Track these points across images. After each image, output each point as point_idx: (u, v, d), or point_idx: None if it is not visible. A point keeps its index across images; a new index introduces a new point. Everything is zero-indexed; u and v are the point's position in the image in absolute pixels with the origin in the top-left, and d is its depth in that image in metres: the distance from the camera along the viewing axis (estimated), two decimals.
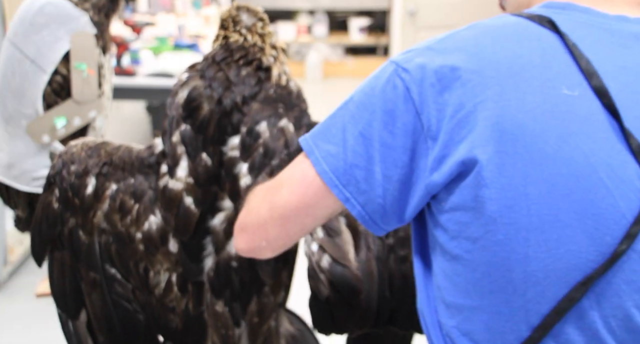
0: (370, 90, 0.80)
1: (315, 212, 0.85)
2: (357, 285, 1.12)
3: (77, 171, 1.21)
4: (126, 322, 1.22)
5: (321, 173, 0.80)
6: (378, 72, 0.82)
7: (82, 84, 2.09)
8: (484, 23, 0.81)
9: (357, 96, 0.81)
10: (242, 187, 1.14)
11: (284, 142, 1.16)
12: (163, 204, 1.17)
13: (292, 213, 0.85)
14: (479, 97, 0.74)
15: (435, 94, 0.75)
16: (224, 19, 1.26)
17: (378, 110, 0.78)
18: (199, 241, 1.18)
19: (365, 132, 0.78)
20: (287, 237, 0.89)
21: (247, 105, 1.18)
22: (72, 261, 1.22)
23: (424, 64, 0.77)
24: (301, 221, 0.86)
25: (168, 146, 1.17)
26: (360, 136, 0.79)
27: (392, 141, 0.77)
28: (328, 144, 0.81)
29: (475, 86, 0.75)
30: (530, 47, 0.77)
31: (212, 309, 1.20)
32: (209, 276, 1.19)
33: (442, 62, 0.76)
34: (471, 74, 0.75)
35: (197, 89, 1.18)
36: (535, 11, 0.82)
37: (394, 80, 0.78)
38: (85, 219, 1.20)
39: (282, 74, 1.24)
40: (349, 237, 1.13)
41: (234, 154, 1.16)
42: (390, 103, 0.77)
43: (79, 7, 2.08)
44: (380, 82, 0.79)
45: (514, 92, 0.74)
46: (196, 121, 1.17)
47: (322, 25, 6.76)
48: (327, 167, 0.80)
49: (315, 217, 0.86)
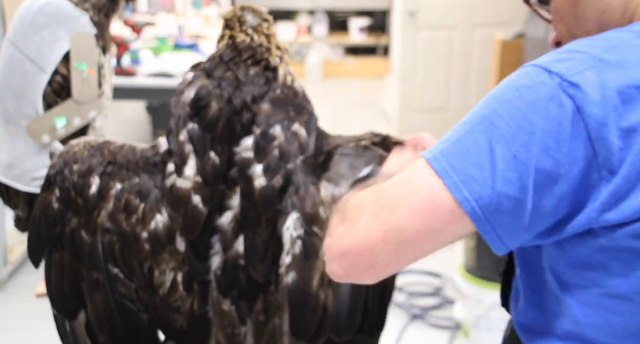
0: (525, 104, 0.67)
1: (439, 238, 0.73)
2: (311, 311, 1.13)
3: (80, 171, 1.20)
4: (129, 322, 1.22)
5: (462, 201, 0.68)
6: (528, 80, 0.69)
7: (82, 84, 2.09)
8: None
9: (503, 109, 0.68)
10: (255, 187, 1.15)
11: (298, 146, 1.16)
12: (170, 203, 1.17)
13: (411, 237, 0.72)
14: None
15: (618, 118, 0.65)
16: (228, 19, 1.26)
17: (538, 131, 0.66)
18: (206, 240, 1.18)
19: (521, 157, 0.66)
20: (396, 265, 0.76)
21: (256, 104, 1.18)
22: (72, 261, 1.22)
23: (601, 82, 0.66)
24: (420, 247, 0.74)
25: (175, 144, 1.17)
26: (513, 160, 0.67)
27: (553, 168, 0.66)
28: (469, 166, 0.68)
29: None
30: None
31: (218, 308, 1.20)
32: (216, 274, 1.19)
33: (627, 81, 0.65)
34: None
35: (204, 88, 1.18)
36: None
37: (560, 97, 0.66)
38: (89, 218, 1.20)
39: (287, 74, 1.24)
40: (322, 265, 1.13)
41: (247, 154, 1.16)
42: (554, 124, 0.66)
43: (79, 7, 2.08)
44: (539, 96, 0.67)
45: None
46: (204, 119, 1.17)
47: (322, 25, 6.76)
48: (470, 195, 0.68)
49: (437, 243, 0.74)
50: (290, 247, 1.14)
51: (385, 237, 0.72)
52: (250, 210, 1.15)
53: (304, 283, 1.13)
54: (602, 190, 0.67)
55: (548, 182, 0.67)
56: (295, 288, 1.13)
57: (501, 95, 0.70)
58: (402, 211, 0.71)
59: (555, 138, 0.66)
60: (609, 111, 0.65)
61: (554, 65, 0.68)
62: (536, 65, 0.70)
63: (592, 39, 0.71)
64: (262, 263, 1.17)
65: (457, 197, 0.69)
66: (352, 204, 0.78)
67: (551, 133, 0.66)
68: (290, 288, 1.14)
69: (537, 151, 0.66)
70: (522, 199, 0.68)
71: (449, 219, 0.71)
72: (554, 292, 0.77)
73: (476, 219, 0.69)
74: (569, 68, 0.67)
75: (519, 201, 0.68)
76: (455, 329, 2.58)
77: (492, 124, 0.68)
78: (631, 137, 0.65)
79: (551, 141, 0.66)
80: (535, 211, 0.68)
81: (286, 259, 1.15)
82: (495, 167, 0.67)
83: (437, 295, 2.83)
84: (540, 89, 0.67)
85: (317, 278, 1.13)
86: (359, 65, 6.73)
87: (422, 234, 0.72)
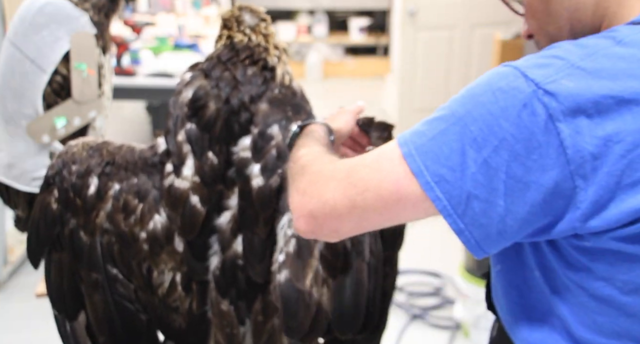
0: (499, 110, 0.68)
1: (400, 219, 0.78)
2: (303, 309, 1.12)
3: (79, 171, 1.20)
4: (128, 322, 1.22)
5: (434, 199, 0.71)
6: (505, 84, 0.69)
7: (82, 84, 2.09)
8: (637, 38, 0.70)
9: (478, 113, 0.69)
10: (253, 187, 1.14)
11: None
12: (169, 203, 1.17)
13: (374, 216, 0.77)
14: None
15: (593, 127, 0.65)
16: (226, 19, 1.26)
17: (509, 137, 0.67)
18: (204, 240, 1.18)
19: (491, 161, 0.68)
20: (358, 232, 0.82)
21: (254, 104, 1.18)
22: (71, 262, 1.22)
23: (577, 90, 0.66)
24: (381, 223, 0.79)
25: (173, 145, 1.17)
26: (484, 165, 0.68)
27: (523, 174, 0.67)
28: (441, 167, 0.70)
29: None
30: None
31: (217, 308, 1.20)
32: (215, 274, 1.19)
33: (603, 91, 0.66)
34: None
35: (202, 88, 1.18)
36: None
37: (534, 105, 0.66)
38: (87, 219, 1.20)
39: (285, 74, 1.24)
40: (316, 263, 1.13)
41: (245, 154, 1.16)
42: (525, 131, 0.67)
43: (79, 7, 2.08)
44: (513, 102, 0.68)
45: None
46: (202, 119, 1.17)
47: (322, 25, 6.76)
48: (442, 194, 0.70)
49: (397, 221, 0.79)
50: (284, 245, 1.14)
51: (350, 212, 0.77)
52: (248, 210, 1.15)
53: (296, 280, 1.12)
54: (580, 198, 0.67)
55: (519, 188, 0.68)
56: (288, 285, 1.13)
57: (478, 95, 0.71)
58: (369, 193, 0.75)
59: (525, 146, 0.67)
60: (583, 119, 0.65)
61: (532, 71, 0.69)
62: (515, 67, 0.70)
63: (572, 44, 0.72)
64: (261, 263, 1.17)
65: (430, 196, 0.71)
66: (323, 170, 0.82)
67: (522, 140, 0.67)
68: (282, 285, 1.13)
69: (507, 157, 0.68)
70: (492, 202, 0.69)
71: (412, 209, 0.75)
72: (541, 289, 0.79)
73: (449, 217, 0.71)
74: (545, 75, 0.68)
75: (490, 203, 0.69)
76: (455, 329, 2.57)
77: (466, 127, 0.70)
78: (607, 147, 0.65)
79: (521, 148, 0.67)
80: (509, 216, 0.69)
81: (280, 257, 1.14)
82: (466, 170, 0.69)
83: (437, 295, 2.83)
84: (515, 95, 0.68)
85: (310, 276, 1.13)
86: (359, 66, 6.72)
87: (385, 216, 0.77)
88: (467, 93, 0.72)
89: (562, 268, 0.74)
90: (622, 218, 0.66)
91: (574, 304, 0.75)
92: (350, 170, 0.78)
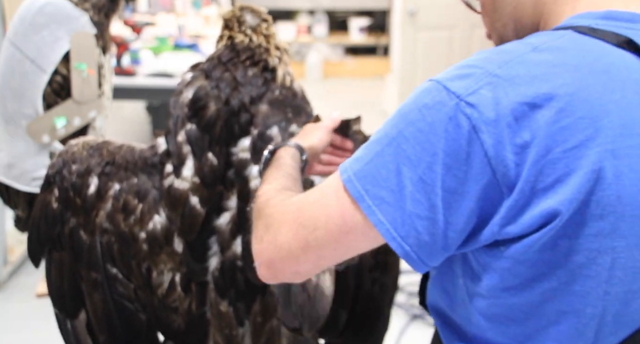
0: (427, 126, 0.69)
1: (354, 250, 0.78)
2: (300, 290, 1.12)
3: (79, 170, 1.20)
4: (127, 322, 1.22)
5: (376, 224, 0.71)
6: (429, 100, 0.70)
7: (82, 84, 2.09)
8: (553, 45, 0.71)
9: (408, 131, 0.70)
10: (252, 188, 1.14)
11: None
12: (168, 203, 1.17)
13: (328, 252, 0.77)
14: (569, 142, 0.66)
15: (512, 135, 0.66)
16: (228, 19, 1.26)
17: (439, 152, 0.68)
18: (204, 241, 1.18)
19: (427, 178, 0.68)
20: (318, 270, 0.82)
21: (254, 105, 1.18)
22: (71, 261, 1.22)
23: (495, 100, 0.67)
24: (337, 257, 0.79)
25: (173, 145, 1.17)
26: (420, 182, 0.69)
27: (457, 186, 0.68)
28: (381, 190, 0.70)
29: (565, 129, 0.66)
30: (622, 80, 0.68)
31: (216, 309, 1.20)
32: (214, 275, 1.19)
33: (519, 98, 0.66)
34: (558, 114, 0.66)
35: (203, 89, 1.18)
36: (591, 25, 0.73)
37: (458, 118, 0.67)
38: (87, 219, 1.20)
39: (286, 75, 1.24)
40: None
41: (244, 155, 1.16)
42: (453, 144, 0.67)
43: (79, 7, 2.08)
44: (439, 117, 0.68)
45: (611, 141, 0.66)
46: (202, 120, 1.17)
47: (322, 25, 6.76)
48: (383, 217, 0.70)
49: (352, 253, 0.79)
50: None
51: (305, 252, 0.77)
52: (247, 211, 1.15)
53: None
54: (502, 207, 0.68)
55: (455, 199, 0.69)
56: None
57: (407, 114, 0.71)
58: (319, 231, 0.75)
59: (455, 158, 0.67)
60: (502, 128, 0.66)
61: (452, 83, 0.69)
62: (437, 81, 0.71)
63: (491, 51, 0.72)
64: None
65: (372, 221, 0.71)
66: (275, 213, 0.82)
67: (451, 153, 0.67)
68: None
69: (440, 171, 0.68)
70: (433, 218, 0.69)
71: (363, 238, 0.74)
72: (462, 296, 0.80)
73: (393, 240, 0.71)
74: (466, 87, 0.68)
75: (431, 220, 0.69)
76: None
77: (399, 147, 0.70)
78: (525, 153, 0.66)
79: (452, 160, 0.68)
80: (449, 228, 0.70)
81: None
82: (403, 189, 0.69)
83: None
84: (439, 109, 0.68)
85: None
86: (359, 66, 6.73)
87: (339, 250, 0.77)
88: (398, 113, 0.73)
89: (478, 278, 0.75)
90: (534, 222, 0.67)
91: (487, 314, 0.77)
92: (298, 210, 0.79)
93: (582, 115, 0.66)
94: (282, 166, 0.99)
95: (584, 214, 0.67)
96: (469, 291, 0.79)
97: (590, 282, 0.70)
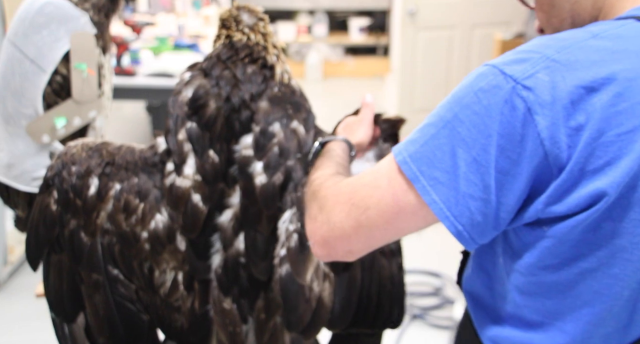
0: (483, 109, 0.70)
1: (404, 231, 0.80)
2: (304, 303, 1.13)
3: (79, 172, 1.20)
4: (129, 323, 1.22)
5: (430, 203, 0.73)
6: (485, 84, 0.72)
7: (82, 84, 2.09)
8: (613, 33, 0.72)
9: (464, 114, 0.72)
10: (257, 185, 1.15)
11: (297, 143, 1.17)
12: (170, 202, 1.17)
13: (379, 232, 0.80)
14: (624, 126, 0.67)
15: (567, 118, 0.68)
16: (225, 19, 1.27)
17: (494, 133, 0.70)
18: (206, 239, 1.18)
19: (481, 159, 0.70)
20: (369, 248, 0.85)
21: (254, 102, 1.19)
22: (70, 263, 1.21)
23: (552, 83, 0.68)
24: (388, 237, 0.82)
25: (174, 144, 1.18)
26: (474, 163, 0.71)
27: (510, 167, 0.70)
28: (435, 171, 0.73)
29: (620, 113, 0.67)
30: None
31: (219, 306, 1.20)
32: (217, 273, 1.19)
33: (576, 82, 0.68)
34: (615, 98, 0.67)
35: (202, 87, 1.19)
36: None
37: (513, 100, 0.69)
38: (88, 220, 1.19)
39: (284, 73, 1.25)
40: (316, 258, 1.13)
41: (247, 152, 1.17)
42: (508, 126, 0.69)
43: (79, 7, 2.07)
44: (495, 100, 0.70)
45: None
46: (202, 118, 1.17)
47: (322, 25, 6.76)
48: (437, 197, 0.73)
49: (402, 234, 0.82)
50: (285, 240, 1.14)
51: (357, 232, 0.81)
52: (251, 208, 1.16)
53: (297, 275, 1.13)
54: (551, 186, 0.70)
55: (508, 180, 0.71)
56: (289, 279, 1.13)
57: (462, 98, 0.73)
58: (371, 211, 0.79)
59: (509, 140, 0.69)
60: (558, 111, 0.68)
61: (509, 67, 0.71)
62: (494, 66, 0.72)
63: (550, 38, 0.73)
64: (264, 261, 1.17)
65: (426, 200, 0.73)
66: (329, 195, 0.85)
67: (505, 135, 0.69)
68: (283, 279, 1.14)
69: (495, 153, 0.70)
70: (487, 199, 0.71)
71: (413, 219, 0.77)
72: (501, 274, 0.82)
73: (446, 219, 0.73)
74: (523, 71, 0.70)
75: (484, 200, 0.71)
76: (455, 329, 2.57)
77: (454, 129, 0.72)
78: (578, 136, 0.68)
79: (506, 142, 0.69)
80: (501, 209, 0.72)
81: (281, 251, 1.15)
82: (458, 170, 0.72)
83: (437, 295, 2.83)
84: (495, 92, 0.70)
85: (311, 271, 1.14)
86: (358, 65, 6.72)
87: (390, 231, 0.80)
88: (452, 97, 0.75)
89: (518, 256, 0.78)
90: (580, 203, 0.69)
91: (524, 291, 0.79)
92: (351, 191, 0.81)
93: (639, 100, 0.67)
94: (333, 157, 1.03)
95: (630, 198, 0.69)
96: (507, 269, 0.80)
97: (630, 266, 0.72)
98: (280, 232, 1.15)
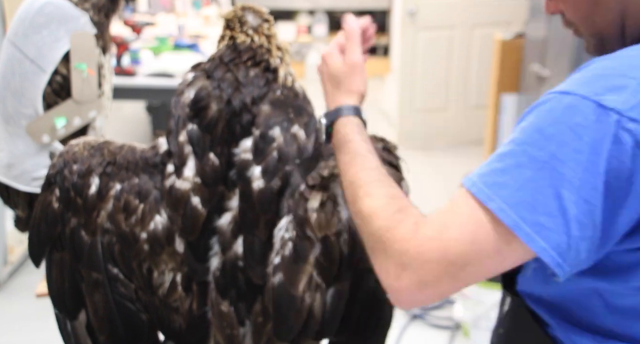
0: (586, 146, 0.67)
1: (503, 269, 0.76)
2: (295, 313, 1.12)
3: (80, 170, 1.20)
4: (129, 322, 1.22)
5: (540, 252, 0.69)
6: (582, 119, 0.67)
7: (82, 84, 2.09)
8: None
9: (564, 153, 0.68)
10: (255, 189, 1.14)
11: (297, 148, 1.15)
12: (169, 203, 1.17)
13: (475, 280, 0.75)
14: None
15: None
16: (229, 20, 1.26)
17: (602, 171, 0.67)
18: (205, 241, 1.18)
19: (591, 198, 0.67)
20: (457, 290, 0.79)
21: (256, 106, 1.18)
22: (72, 261, 1.22)
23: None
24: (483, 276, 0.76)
25: (174, 145, 1.17)
26: (585, 204, 0.67)
27: (619, 203, 0.68)
28: (539, 216, 0.68)
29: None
30: None
31: (217, 309, 1.20)
32: (215, 275, 1.19)
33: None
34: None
35: (204, 89, 1.18)
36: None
37: (620, 135, 0.66)
38: (88, 219, 1.20)
39: (288, 75, 1.24)
40: (310, 269, 1.12)
41: (246, 156, 1.16)
42: (615, 162, 0.66)
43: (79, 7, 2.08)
44: (599, 135, 0.67)
45: None
46: (203, 120, 1.17)
47: (322, 25, 6.76)
48: (546, 244, 0.69)
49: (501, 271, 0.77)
50: (280, 248, 1.14)
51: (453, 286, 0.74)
52: (248, 212, 1.15)
53: (290, 284, 1.11)
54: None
55: (615, 215, 0.68)
56: (281, 289, 1.12)
57: (554, 135, 0.69)
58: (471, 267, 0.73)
59: (617, 176, 0.67)
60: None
61: (607, 99, 0.67)
62: (586, 97, 0.68)
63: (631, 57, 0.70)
64: (261, 265, 1.17)
65: (533, 248, 0.69)
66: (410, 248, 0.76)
67: (612, 171, 0.66)
68: (275, 289, 1.12)
69: (603, 191, 0.67)
70: (594, 236, 0.69)
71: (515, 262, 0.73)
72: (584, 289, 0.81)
73: (557, 266, 0.70)
74: (624, 101, 0.66)
75: (593, 239, 0.69)
76: (455, 329, 2.57)
77: (554, 170, 0.68)
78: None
79: (614, 179, 0.67)
80: (604, 243, 0.70)
81: (275, 259, 1.14)
82: (566, 213, 0.68)
83: None
84: (598, 128, 0.67)
85: (304, 281, 1.12)
86: None
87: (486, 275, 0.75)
88: (539, 134, 0.71)
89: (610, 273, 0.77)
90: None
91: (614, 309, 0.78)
92: (442, 248, 0.73)
93: None
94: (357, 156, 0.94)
95: None
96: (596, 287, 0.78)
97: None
98: (276, 240, 1.15)
